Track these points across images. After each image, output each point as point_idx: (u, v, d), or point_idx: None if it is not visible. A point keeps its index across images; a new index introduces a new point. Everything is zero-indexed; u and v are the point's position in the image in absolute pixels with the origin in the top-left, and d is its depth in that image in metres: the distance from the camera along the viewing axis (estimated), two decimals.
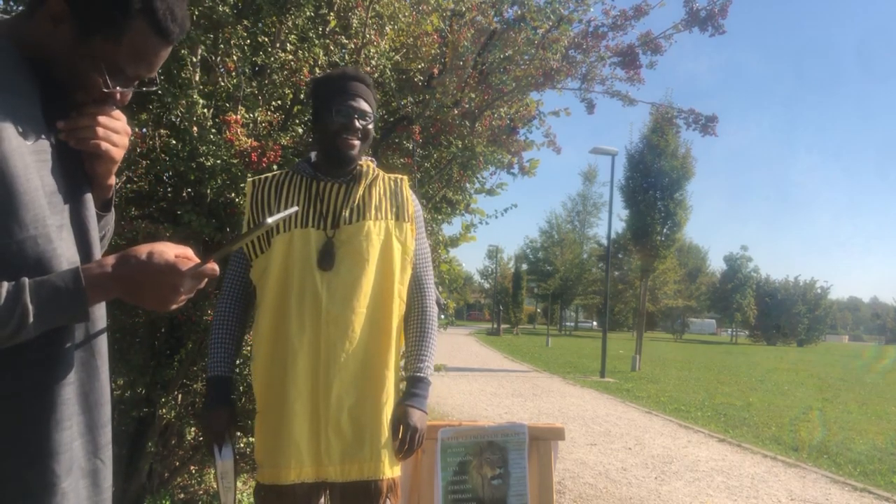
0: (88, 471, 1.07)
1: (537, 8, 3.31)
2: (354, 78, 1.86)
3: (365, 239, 1.82)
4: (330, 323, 1.77)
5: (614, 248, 22.92)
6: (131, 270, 1.01)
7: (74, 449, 1.03)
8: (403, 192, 1.96)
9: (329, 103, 1.83)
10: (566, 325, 62.01)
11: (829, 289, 56.54)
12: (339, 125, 1.81)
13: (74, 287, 0.96)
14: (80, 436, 1.06)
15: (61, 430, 1.00)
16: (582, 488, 5.24)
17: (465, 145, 3.45)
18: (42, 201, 0.98)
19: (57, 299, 0.95)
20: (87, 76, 1.03)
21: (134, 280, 1.01)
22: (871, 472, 6.30)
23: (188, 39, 2.55)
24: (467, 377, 13.22)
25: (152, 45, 1.03)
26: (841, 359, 31.12)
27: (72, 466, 1.02)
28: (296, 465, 1.74)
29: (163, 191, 2.85)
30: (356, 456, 1.77)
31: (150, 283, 1.02)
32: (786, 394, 13.11)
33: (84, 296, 0.97)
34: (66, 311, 0.97)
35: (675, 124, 3.80)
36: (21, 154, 0.95)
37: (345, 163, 1.86)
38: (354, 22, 3.15)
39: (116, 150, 1.12)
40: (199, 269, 1.03)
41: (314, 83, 1.95)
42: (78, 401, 1.05)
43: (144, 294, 1.03)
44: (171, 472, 3.28)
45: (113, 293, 1.02)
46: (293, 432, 1.75)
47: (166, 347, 3.01)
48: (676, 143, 19.47)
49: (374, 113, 1.89)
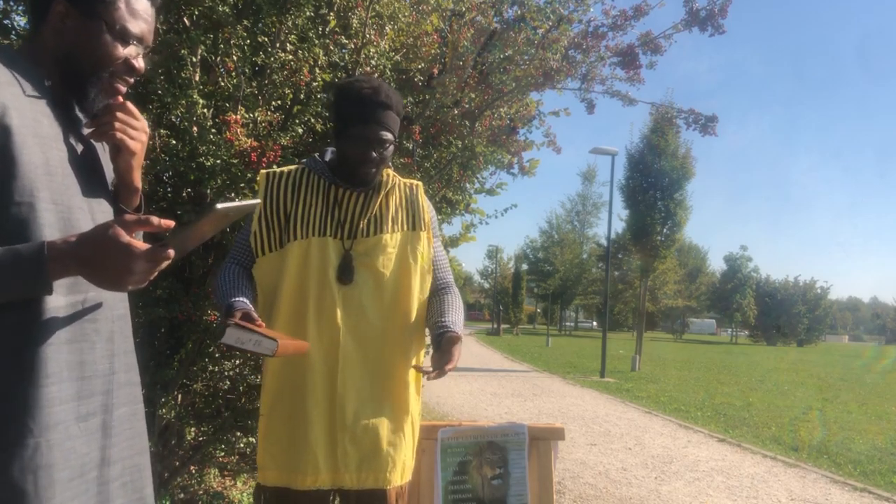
0: (73, 434, 1.12)
1: (537, 8, 3.31)
2: (382, 105, 1.77)
3: (382, 253, 1.82)
4: (347, 335, 1.77)
5: (614, 248, 22.91)
6: (88, 250, 1.04)
7: (58, 412, 1.08)
8: (419, 200, 1.95)
9: (351, 125, 1.77)
10: (566, 325, 62.01)
11: (829, 289, 56.62)
12: (358, 155, 1.78)
13: (37, 258, 1.01)
14: (71, 399, 1.11)
15: (38, 387, 1.05)
16: (582, 488, 5.24)
17: (465, 145, 3.45)
18: (38, 176, 1.08)
19: (18, 266, 1.01)
20: (105, 49, 1.20)
21: (91, 259, 1.05)
22: (871, 472, 6.30)
23: (188, 39, 2.55)
24: (467, 377, 13.22)
25: (142, 4, 1.24)
26: (841, 359, 31.12)
27: (52, 424, 1.07)
28: (312, 471, 1.75)
29: (163, 191, 2.84)
30: (372, 465, 1.78)
31: (105, 264, 1.05)
32: (786, 394, 13.11)
33: (44, 268, 1.02)
34: (25, 279, 1.02)
35: (675, 124, 3.80)
36: (23, 134, 1.07)
37: (359, 185, 1.84)
38: (354, 22, 3.15)
39: (133, 143, 1.27)
40: (154, 253, 1.06)
41: (340, 93, 1.84)
42: (68, 367, 1.11)
43: (99, 273, 1.06)
44: (171, 472, 3.28)
45: (72, 270, 1.06)
46: (310, 439, 1.75)
47: (166, 347, 3.01)
48: (676, 143, 19.45)
49: (395, 135, 1.83)
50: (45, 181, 1.09)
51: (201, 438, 3.43)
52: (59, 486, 1.07)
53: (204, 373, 3.14)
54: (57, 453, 1.07)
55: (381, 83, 1.81)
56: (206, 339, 2.95)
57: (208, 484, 3.98)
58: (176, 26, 2.77)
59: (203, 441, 3.38)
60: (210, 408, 3.25)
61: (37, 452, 1.04)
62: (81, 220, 1.16)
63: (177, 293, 2.75)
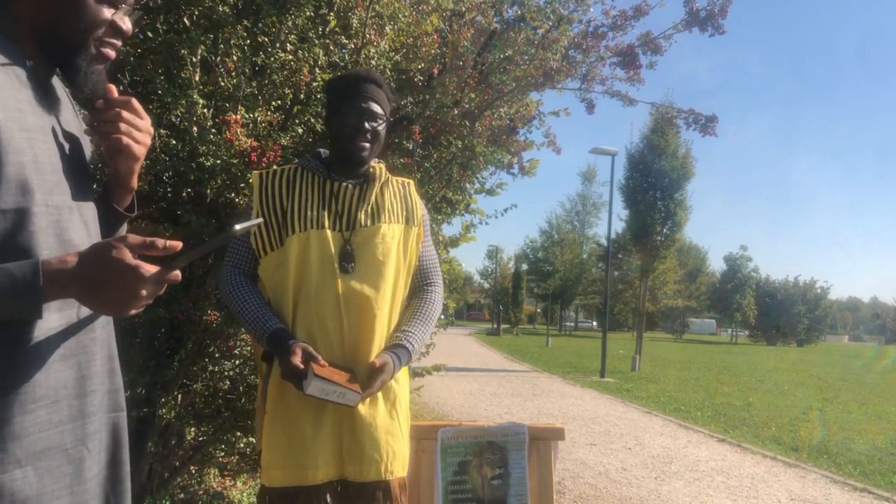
0: (75, 458, 1.04)
1: (537, 8, 3.31)
2: (366, 79, 1.85)
3: (381, 242, 1.83)
4: (349, 327, 1.78)
5: (614, 248, 22.90)
6: (89, 272, 0.95)
7: (53, 435, 1.00)
8: (412, 197, 1.98)
9: (340, 105, 1.84)
10: (566, 325, 62.00)
11: (829, 289, 56.61)
12: (349, 127, 1.81)
13: (32, 280, 0.92)
14: (69, 420, 1.03)
15: (25, 413, 0.96)
16: (582, 488, 5.24)
17: (465, 145, 3.45)
18: (29, 175, 0.97)
19: (12, 289, 0.91)
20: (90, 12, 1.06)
21: (92, 282, 0.95)
22: (871, 472, 6.30)
23: (188, 39, 2.55)
24: (467, 377, 13.22)
25: None
26: (841, 359, 31.11)
27: (41, 450, 0.99)
28: (323, 464, 1.76)
29: (163, 191, 2.84)
30: (374, 456, 1.79)
31: (110, 286, 0.96)
32: (786, 394, 13.11)
33: (39, 291, 0.92)
34: (17, 302, 0.93)
35: (675, 124, 3.80)
36: (9, 128, 0.95)
37: (356, 164, 1.86)
38: (354, 22, 3.15)
39: (138, 147, 1.15)
40: (161, 276, 0.97)
41: (328, 83, 1.96)
42: (64, 385, 1.03)
43: (101, 296, 0.97)
44: (171, 473, 3.28)
45: (70, 292, 0.96)
46: (318, 432, 1.76)
47: (166, 347, 3.01)
48: (676, 143, 19.46)
49: (386, 114, 1.89)
50: (37, 181, 0.98)
51: (201, 438, 3.43)
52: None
53: (204, 373, 3.14)
54: (49, 481, 1.00)
55: (361, 68, 1.85)
56: (206, 340, 2.95)
57: (208, 484, 3.98)
58: (176, 26, 2.77)
59: (203, 441, 3.38)
60: (210, 408, 3.25)
61: (25, 483, 0.96)
62: (72, 226, 1.05)
63: (177, 293, 2.75)
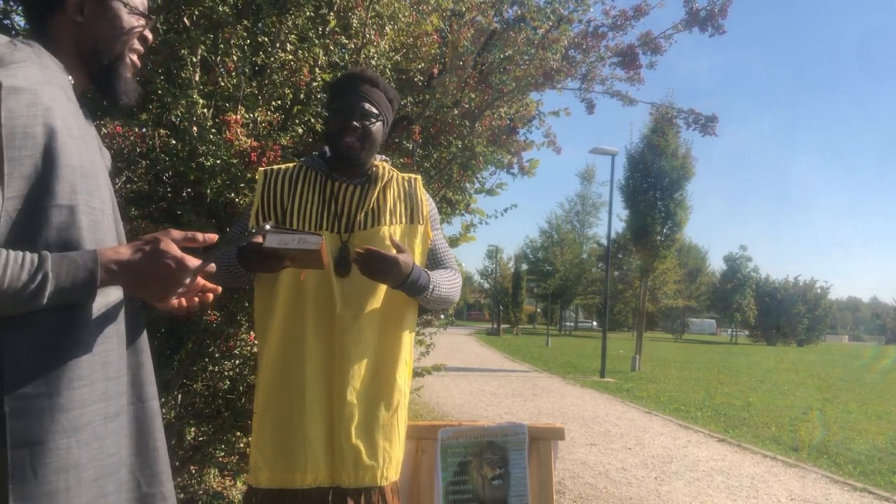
0: (100, 434, 1.13)
1: (537, 8, 3.31)
2: (361, 78, 1.83)
3: (380, 245, 1.79)
4: (344, 330, 1.76)
5: (614, 248, 22.89)
6: (142, 262, 1.07)
7: (88, 413, 1.10)
8: (418, 194, 1.95)
9: (332, 103, 1.83)
10: (566, 325, 61.97)
11: (829, 289, 56.59)
12: (337, 124, 1.79)
13: (92, 266, 1.04)
14: (99, 400, 1.13)
15: (72, 390, 1.07)
16: (582, 488, 5.24)
17: (465, 145, 3.45)
18: (76, 178, 1.09)
19: (75, 275, 1.03)
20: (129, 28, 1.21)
21: (142, 271, 1.07)
22: (871, 472, 6.30)
23: (188, 39, 2.55)
24: (467, 377, 13.22)
25: None
26: (841, 359, 31.11)
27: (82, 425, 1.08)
28: (312, 468, 1.73)
29: (163, 191, 2.84)
30: (369, 462, 1.77)
31: (158, 276, 1.08)
32: (786, 394, 13.11)
33: (95, 277, 1.05)
34: (79, 288, 1.04)
35: (675, 124, 3.79)
36: (64, 135, 1.08)
37: (346, 162, 1.83)
38: (354, 22, 3.15)
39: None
40: (202, 267, 1.11)
41: (329, 82, 1.96)
42: (99, 368, 1.12)
43: (149, 284, 1.09)
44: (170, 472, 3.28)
45: (120, 279, 1.08)
46: (309, 436, 1.73)
47: (166, 347, 3.01)
48: (676, 143, 19.44)
49: (383, 114, 1.85)
50: (83, 183, 1.10)
51: (201, 438, 3.43)
52: (86, 486, 1.08)
53: (204, 373, 3.14)
54: (85, 453, 1.08)
55: (359, 67, 1.84)
56: (206, 339, 2.95)
57: (208, 484, 3.98)
58: (176, 26, 2.76)
59: (203, 441, 3.38)
60: (210, 408, 3.25)
61: (69, 452, 1.05)
62: (104, 224, 1.17)
63: None
